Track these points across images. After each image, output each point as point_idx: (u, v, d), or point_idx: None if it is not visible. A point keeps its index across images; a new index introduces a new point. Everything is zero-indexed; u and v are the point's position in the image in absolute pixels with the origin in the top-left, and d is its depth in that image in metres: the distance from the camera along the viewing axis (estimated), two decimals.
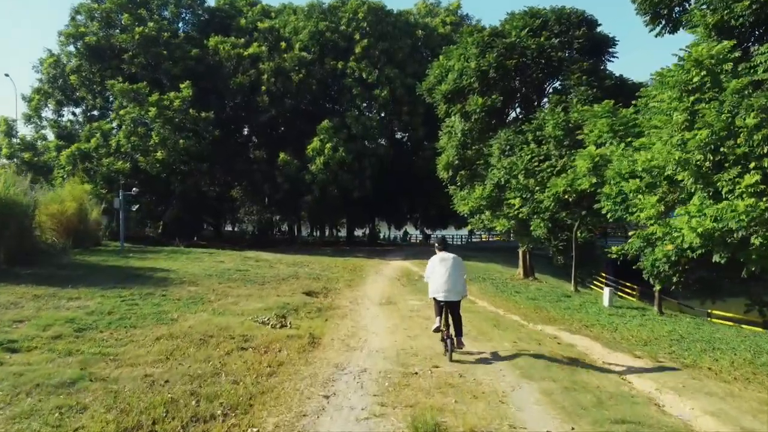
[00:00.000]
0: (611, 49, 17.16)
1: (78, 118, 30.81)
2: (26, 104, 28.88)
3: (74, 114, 31.16)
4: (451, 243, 44.15)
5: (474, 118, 16.52)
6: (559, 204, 13.24)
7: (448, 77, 17.31)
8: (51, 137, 29.14)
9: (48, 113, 30.28)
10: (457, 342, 6.17)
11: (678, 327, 9.77)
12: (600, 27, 17.17)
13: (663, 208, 8.52)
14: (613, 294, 13.20)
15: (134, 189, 21.65)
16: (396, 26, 30.14)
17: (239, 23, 30.24)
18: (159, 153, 24.20)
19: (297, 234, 37.25)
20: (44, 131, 29.80)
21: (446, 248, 6.60)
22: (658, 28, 12.12)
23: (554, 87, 16.80)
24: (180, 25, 31.32)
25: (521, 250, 18.06)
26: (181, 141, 24.38)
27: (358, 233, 49.57)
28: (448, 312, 6.24)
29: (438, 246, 6.63)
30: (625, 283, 20.42)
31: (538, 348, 7.08)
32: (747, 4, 8.47)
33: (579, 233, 14.90)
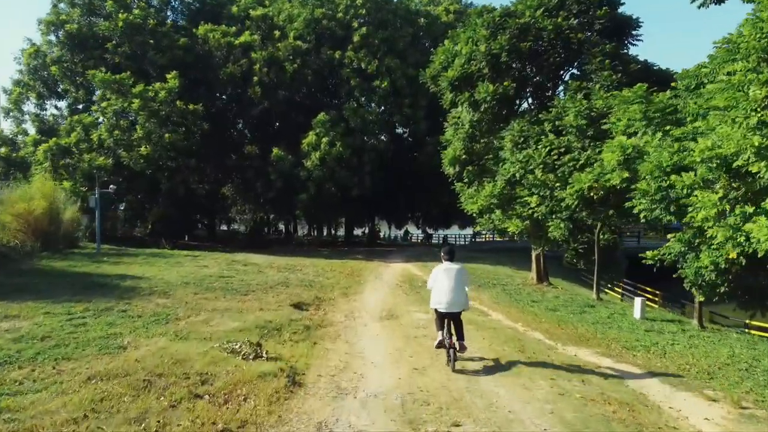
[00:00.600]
0: (635, 32, 15.60)
1: (63, 113, 29.30)
2: (6, 97, 27.40)
3: (57, 108, 29.69)
4: (455, 243, 42.81)
5: (484, 108, 14.98)
6: (583, 202, 11.71)
7: (455, 63, 15.76)
8: (33, 132, 27.67)
9: (30, 107, 28.82)
10: (460, 347, 6.14)
11: (735, 348, 8.25)
12: (623, 6, 15.62)
13: (727, 207, 6.98)
14: (645, 304, 11.67)
15: (111, 186, 20.11)
16: (396, 14, 28.55)
17: (231, 11, 28.66)
18: (143, 148, 22.66)
19: (293, 234, 35.73)
20: (26, 126, 28.35)
21: (453, 258, 6.42)
22: None
23: (572, 72, 15.25)
24: (169, 14, 29.76)
25: (535, 254, 16.54)
26: (167, 135, 22.84)
27: (358, 232, 48.14)
28: (450, 322, 6.18)
29: (444, 255, 6.43)
30: (645, 288, 18.90)
31: (584, 389, 5.55)
32: None
33: (602, 235, 13.40)
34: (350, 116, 25.00)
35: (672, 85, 10.26)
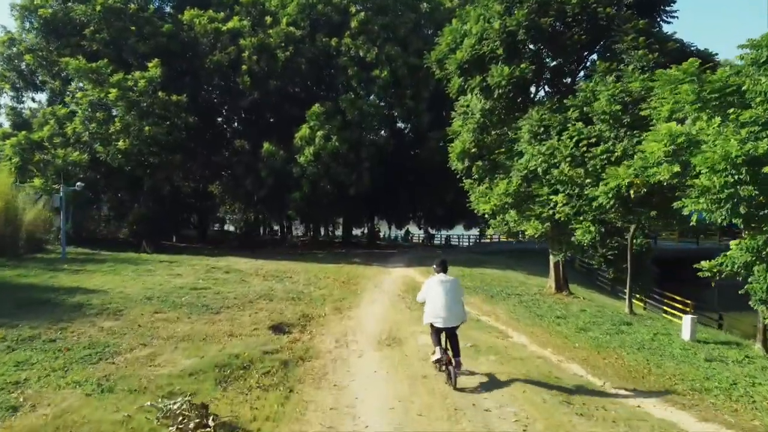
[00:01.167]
0: (668, 7, 13.79)
1: (44, 106, 27.46)
2: None
3: (34, 100, 27.89)
4: (458, 243, 41.04)
5: (497, 94, 13.16)
6: (619, 201, 9.92)
7: (464, 44, 13.95)
8: (8, 127, 25.89)
9: (6, 99, 27.03)
10: (456, 363, 5.89)
11: None
12: None
13: None
14: (696, 323, 9.90)
15: (78, 184, 18.29)
16: None
17: None
18: (121, 142, 20.84)
19: (289, 234, 33.92)
20: (0, 119, 26.56)
21: (445, 270, 6.29)
22: None
23: (600, 53, 13.42)
24: None
25: (554, 260, 14.75)
26: (147, 128, 21.01)
27: (357, 232, 46.33)
28: (447, 338, 6.02)
29: (437, 268, 6.29)
30: (674, 297, 17.09)
31: None
32: None
33: (636, 239, 11.63)
34: (347, 108, 23.18)
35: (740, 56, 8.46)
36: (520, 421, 4.81)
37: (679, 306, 16.70)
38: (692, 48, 13.52)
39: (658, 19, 13.89)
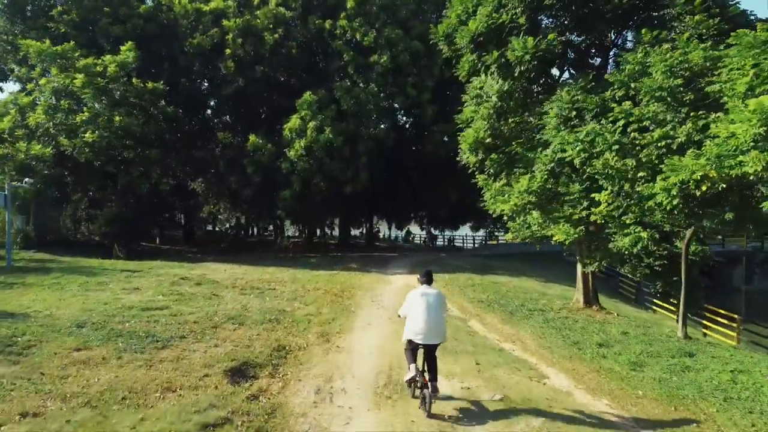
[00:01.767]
0: None
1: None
2: None
3: (1, 90, 25.67)
4: (462, 247, 38.89)
5: (518, 71, 11.03)
6: (684, 200, 7.80)
7: (479, 13, 11.83)
8: None
9: None
10: (432, 388, 5.35)
11: None
12: None
13: None
14: None
15: (27, 180, 16.19)
16: None
17: None
18: (88, 134, 18.70)
19: (280, 236, 31.75)
20: None
21: (430, 282, 5.79)
22: None
23: (643, 21, 11.25)
24: None
25: (582, 269, 12.63)
26: (118, 118, 18.88)
27: (355, 233, 44.20)
28: (425, 357, 5.53)
29: (421, 278, 5.84)
30: (718, 311, 14.97)
31: None
32: None
33: (692, 246, 9.52)
34: (342, 97, 21.03)
35: None
36: None
37: (724, 321, 14.60)
38: (752, 17, 11.42)
39: None
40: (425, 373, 5.49)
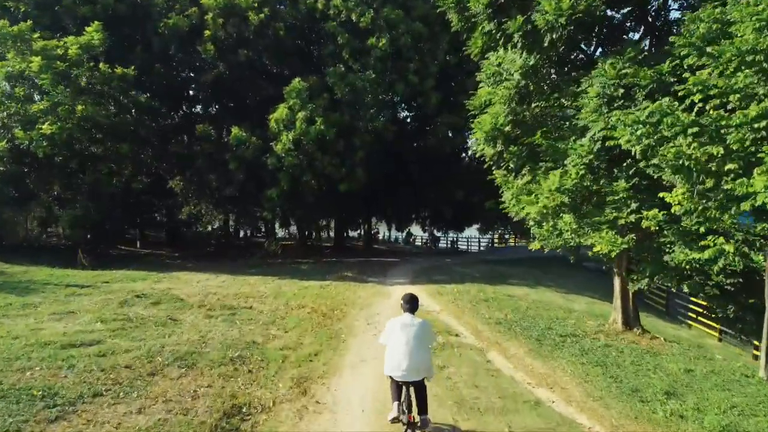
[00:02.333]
0: None
1: None
2: None
3: None
4: (467, 250, 36.74)
5: (548, 41, 8.90)
6: None
7: None
8: None
9: None
10: (423, 422, 4.90)
11: None
12: None
13: None
14: None
15: None
16: None
17: None
18: (46, 125, 16.58)
19: (271, 238, 29.54)
20: None
21: (414, 309, 5.23)
22: None
23: None
24: None
25: (621, 284, 10.51)
26: (80, 107, 16.76)
27: (354, 234, 42.11)
28: (409, 392, 4.97)
29: (404, 305, 5.24)
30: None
31: None
32: None
33: None
34: (336, 84, 18.88)
35: None
36: None
37: None
38: None
39: None
40: (413, 408, 4.96)
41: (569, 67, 10.32)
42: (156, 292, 11.45)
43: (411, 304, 5.24)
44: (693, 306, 17.02)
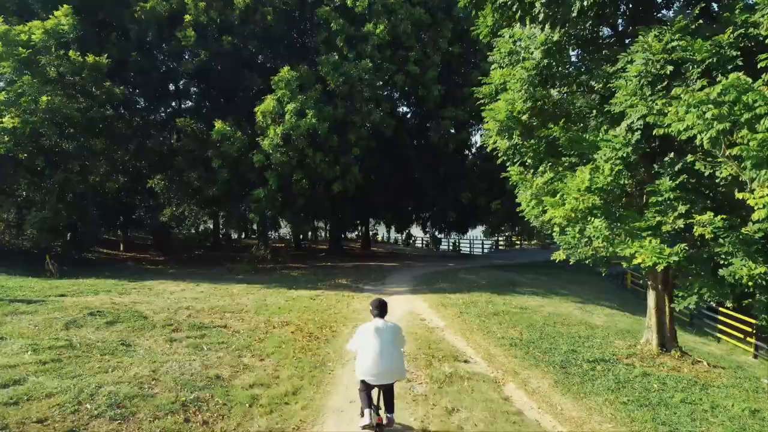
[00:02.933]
0: None
1: None
2: None
3: None
4: (470, 253, 35.22)
5: (578, 9, 7.44)
6: None
7: None
8: None
9: None
10: (388, 421, 5.06)
11: None
12: None
13: None
14: None
15: None
16: None
17: None
18: (7, 118, 15.12)
19: (262, 242, 28.01)
20: None
21: (383, 314, 5.27)
22: None
23: None
24: None
25: (655, 300, 9.04)
26: (45, 98, 15.30)
27: (352, 235, 40.69)
28: (380, 393, 5.17)
29: (373, 311, 5.29)
30: None
31: None
32: None
33: None
34: (329, 74, 17.40)
35: None
36: None
37: None
38: None
39: None
40: (380, 410, 5.13)
41: (596, 46, 8.88)
42: (116, 308, 9.97)
43: (380, 310, 5.27)
44: (721, 317, 15.67)
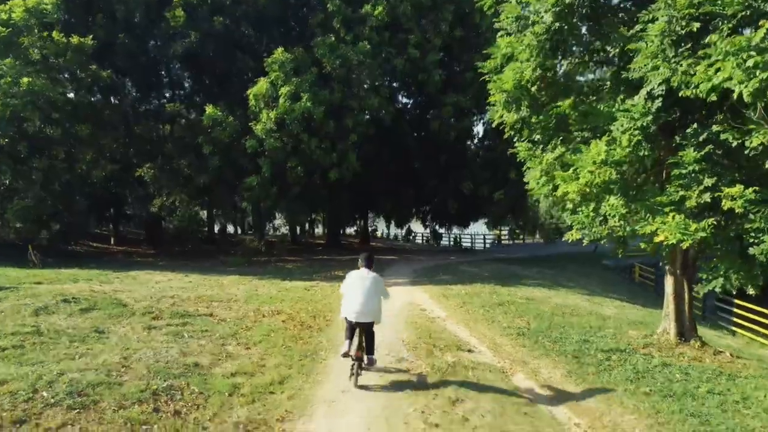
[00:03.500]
0: None
1: None
2: None
3: None
4: (471, 247, 34.66)
5: None
6: None
7: None
8: None
9: None
10: (368, 360, 5.98)
11: None
12: None
13: None
14: None
15: None
16: None
17: None
18: None
19: (258, 234, 27.46)
20: None
21: (370, 265, 6.19)
22: None
23: None
24: None
25: (673, 286, 8.46)
26: (26, 80, 14.71)
27: (351, 230, 40.09)
28: (361, 333, 5.96)
29: (361, 262, 6.23)
30: None
31: None
32: None
33: None
34: (325, 57, 16.80)
35: None
36: None
37: None
38: None
39: None
40: (362, 349, 5.87)
41: (612, 10, 8.30)
42: (93, 296, 9.40)
43: (367, 261, 6.16)
44: (737, 310, 15.14)
